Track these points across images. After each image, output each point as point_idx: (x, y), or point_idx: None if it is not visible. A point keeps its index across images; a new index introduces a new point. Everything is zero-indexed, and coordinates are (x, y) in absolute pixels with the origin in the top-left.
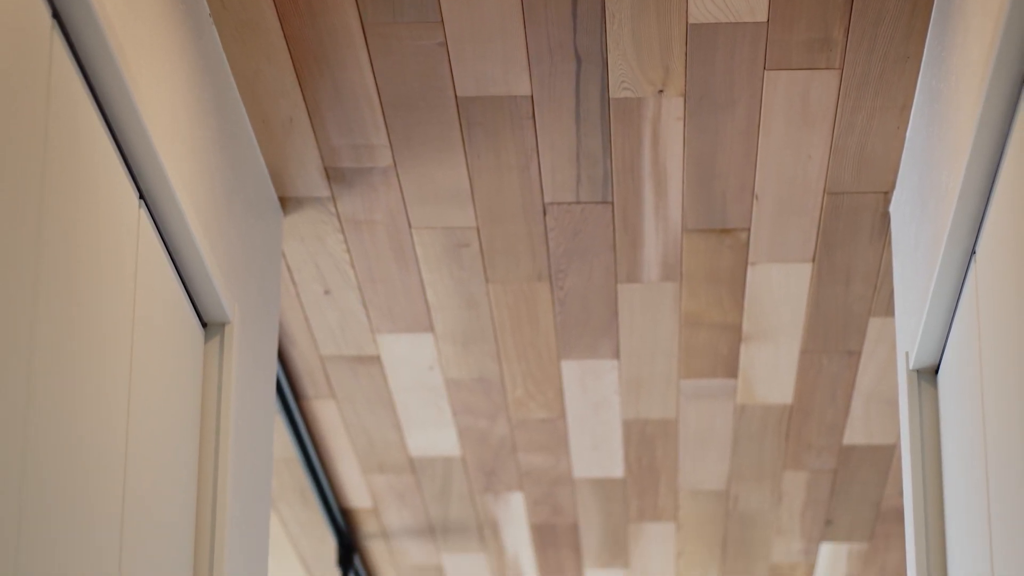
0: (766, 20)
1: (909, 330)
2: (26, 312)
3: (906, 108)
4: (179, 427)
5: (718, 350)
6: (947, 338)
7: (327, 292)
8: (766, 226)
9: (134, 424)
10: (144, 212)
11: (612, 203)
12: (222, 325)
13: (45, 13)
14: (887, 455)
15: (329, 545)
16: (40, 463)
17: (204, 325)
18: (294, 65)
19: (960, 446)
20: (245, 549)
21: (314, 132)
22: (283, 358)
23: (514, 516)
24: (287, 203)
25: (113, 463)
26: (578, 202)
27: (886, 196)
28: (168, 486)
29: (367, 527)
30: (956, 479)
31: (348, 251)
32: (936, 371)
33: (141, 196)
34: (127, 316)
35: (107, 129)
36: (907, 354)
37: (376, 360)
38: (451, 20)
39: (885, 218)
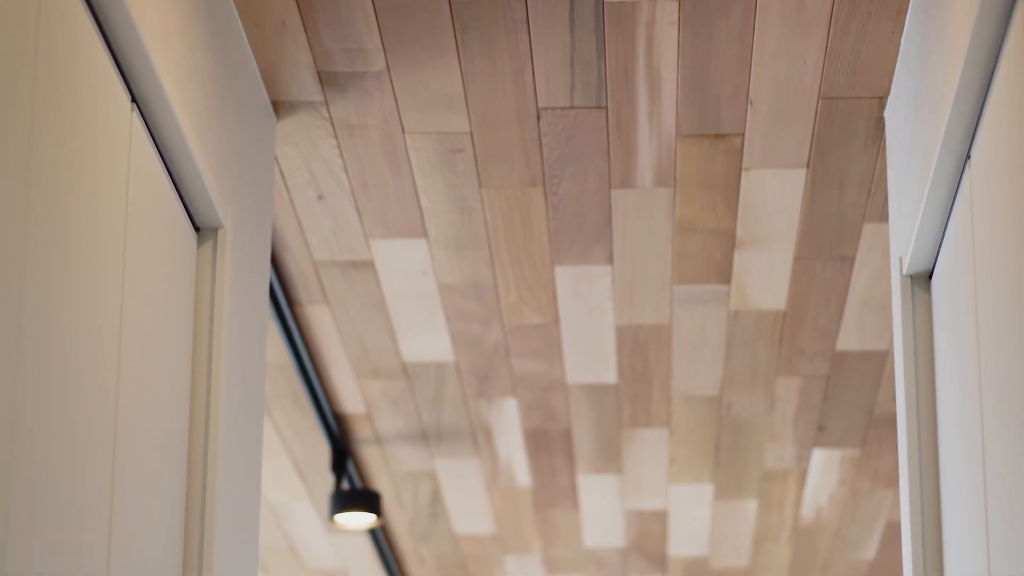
0: None
1: (903, 235)
2: (18, 216)
3: (901, 12)
4: (172, 332)
5: (711, 256)
6: (941, 243)
7: (320, 197)
8: (760, 131)
9: (127, 328)
10: (136, 116)
11: (606, 108)
12: (215, 230)
13: None
14: (880, 361)
15: (322, 450)
16: (32, 368)
17: (197, 230)
18: None
19: (953, 351)
20: (239, 455)
21: (307, 35)
22: (276, 263)
23: (507, 422)
24: (280, 107)
25: (106, 368)
26: (572, 107)
27: (881, 101)
28: (161, 391)
29: (360, 432)
30: (949, 384)
31: (341, 156)
32: (930, 276)
33: (133, 100)
34: (120, 220)
35: (99, 32)
36: (901, 259)
37: (369, 265)
38: None
39: (880, 123)
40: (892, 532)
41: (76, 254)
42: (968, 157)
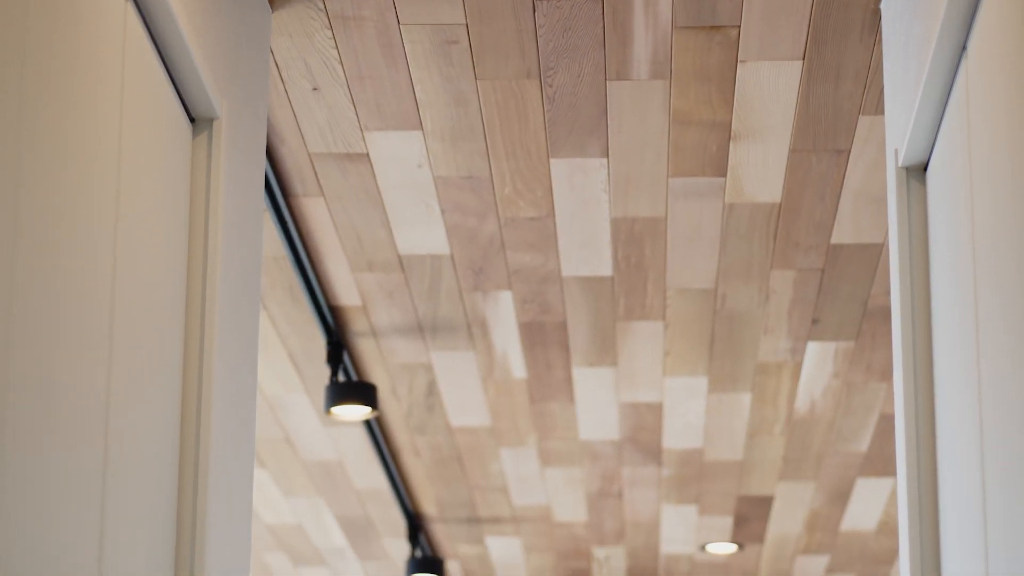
0: None
1: (899, 127)
2: (14, 109)
3: None
4: (168, 223)
5: (707, 148)
6: (937, 135)
7: (315, 89)
8: (756, 23)
9: (123, 219)
10: (131, 6)
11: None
12: (210, 121)
13: None
14: (875, 254)
15: (318, 343)
16: (29, 258)
17: (192, 121)
18: None
19: (948, 243)
20: (235, 346)
21: None
22: (272, 156)
23: (503, 314)
24: None
25: (103, 258)
26: None
27: None
28: (158, 282)
29: (356, 325)
30: (944, 276)
31: (336, 48)
32: (925, 168)
33: None
34: (115, 111)
35: None
36: (896, 151)
37: (365, 158)
38: None
39: (876, 14)
40: (885, 424)
41: (72, 145)
42: (964, 48)
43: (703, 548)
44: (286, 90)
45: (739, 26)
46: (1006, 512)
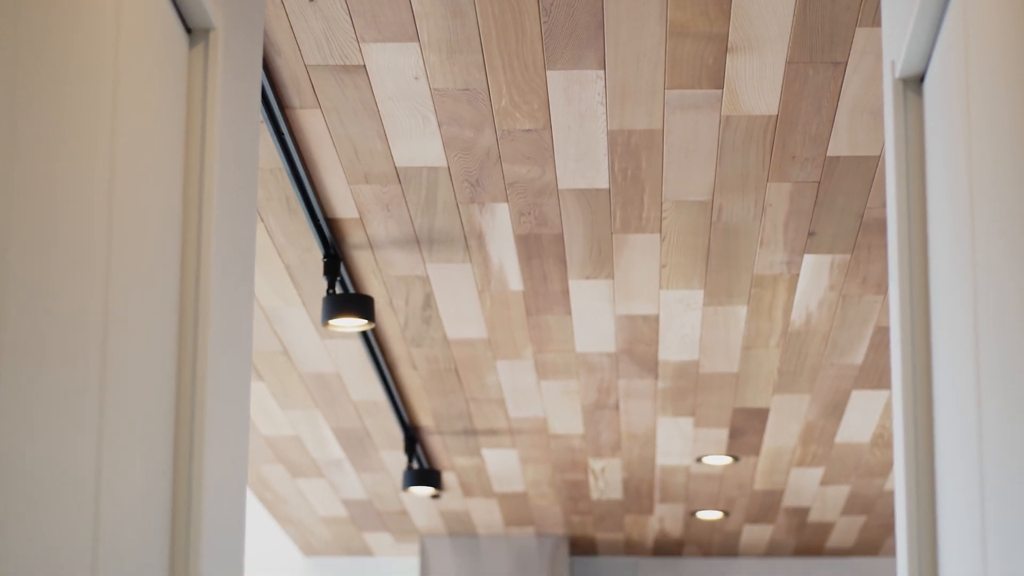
0: None
1: (895, 38)
2: (8, 19)
3: None
4: (164, 135)
5: (704, 60)
6: (933, 46)
7: (312, 0)
8: None
9: (119, 131)
10: None
11: None
12: (206, 31)
13: None
14: (871, 166)
15: (315, 255)
16: (25, 173)
17: (188, 32)
18: None
19: (944, 155)
20: (231, 259)
21: None
22: (268, 68)
23: (499, 227)
24: None
25: (99, 169)
26: None
27: None
28: (154, 194)
29: (353, 237)
30: (939, 188)
31: None
32: (921, 80)
33: None
34: (111, 21)
35: None
36: (893, 63)
37: (361, 69)
38: None
39: None
40: (880, 337)
41: (68, 56)
42: None
43: (699, 460)
44: (282, 1)
45: None
46: (1002, 422)
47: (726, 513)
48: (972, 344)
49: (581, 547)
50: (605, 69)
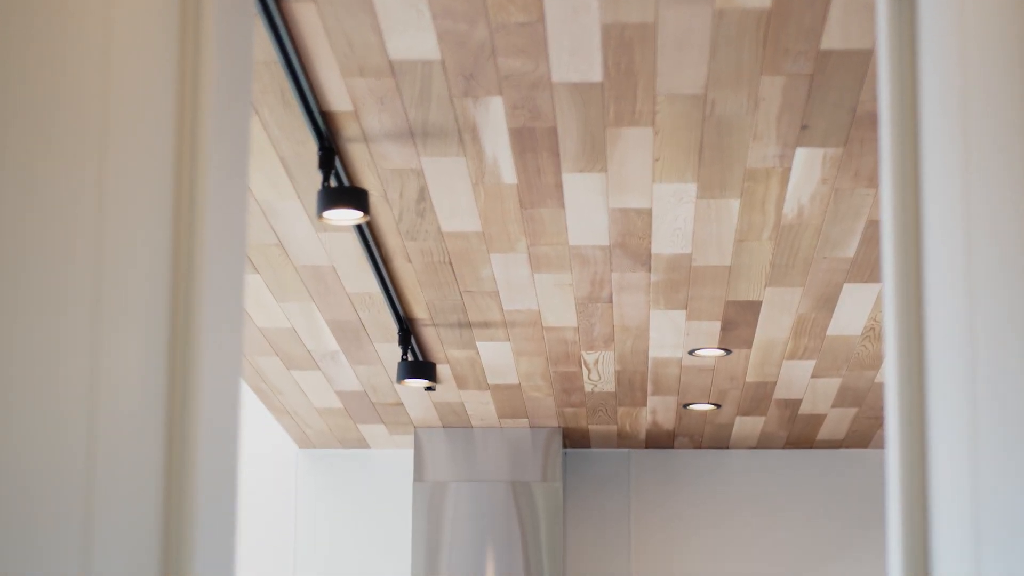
0: None
1: None
2: None
3: None
4: (158, 26)
5: None
6: None
7: None
8: None
9: (114, 23)
10: None
11: None
12: None
13: None
14: (864, 60)
15: (310, 148)
16: (21, 60)
17: None
18: None
19: (937, 48)
20: (226, 151)
21: None
22: None
23: (493, 120)
24: None
25: (93, 59)
26: None
27: None
28: (148, 85)
29: (347, 130)
30: (932, 81)
31: None
32: None
33: None
34: None
35: None
36: None
37: None
38: None
39: None
40: (872, 230)
41: None
42: None
43: (691, 352)
44: None
45: None
46: (993, 313)
47: (718, 405)
48: (963, 236)
49: (574, 439)
50: None
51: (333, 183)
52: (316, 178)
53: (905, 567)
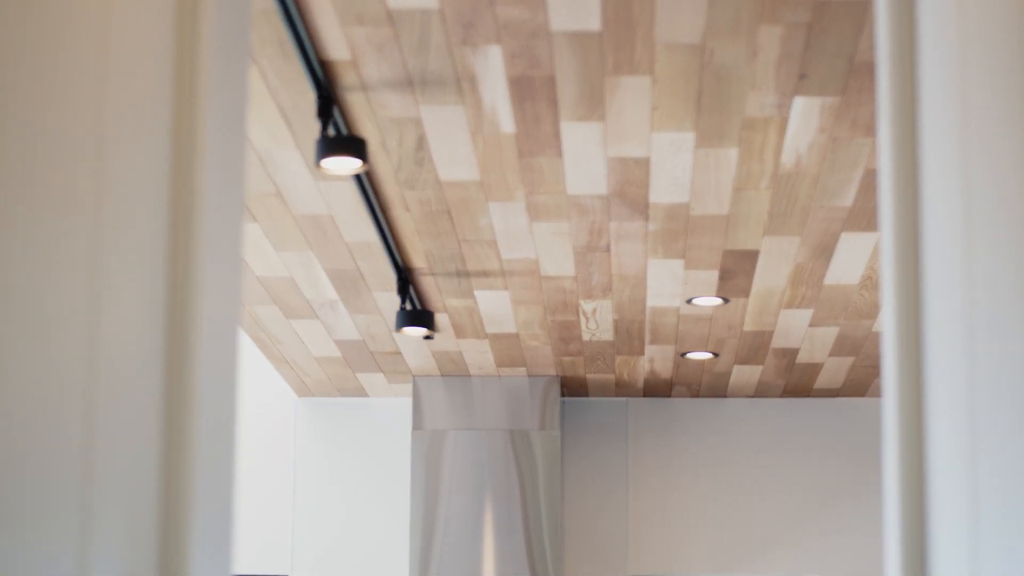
0: None
1: None
2: None
3: None
4: None
5: None
6: None
7: None
8: None
9: None
10: None
11: None
12: None
13: None
14: (862, 8)
15: (308, 97)
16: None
17: None
18: None
19: None
20: (225, 100)
21: None
22: None
23: (491, 69)
24: None
25: (94, 17)
26: None
27: None
28: (146, 36)
29: (346, 80)
30: (930, 30)
31: None
32: None
33: None
34: None
35: None
36: None
37: None
38: None
39: None
40: (870, 180)
41: None
42: None
43: (689, 301)
44: None
45: None
46: (991, 262)
47: (715, 354)
48: (962, 182)
49: (572, 388)
50: None
51: (332, 132)
52: (315, 127)
53: (902, 514)
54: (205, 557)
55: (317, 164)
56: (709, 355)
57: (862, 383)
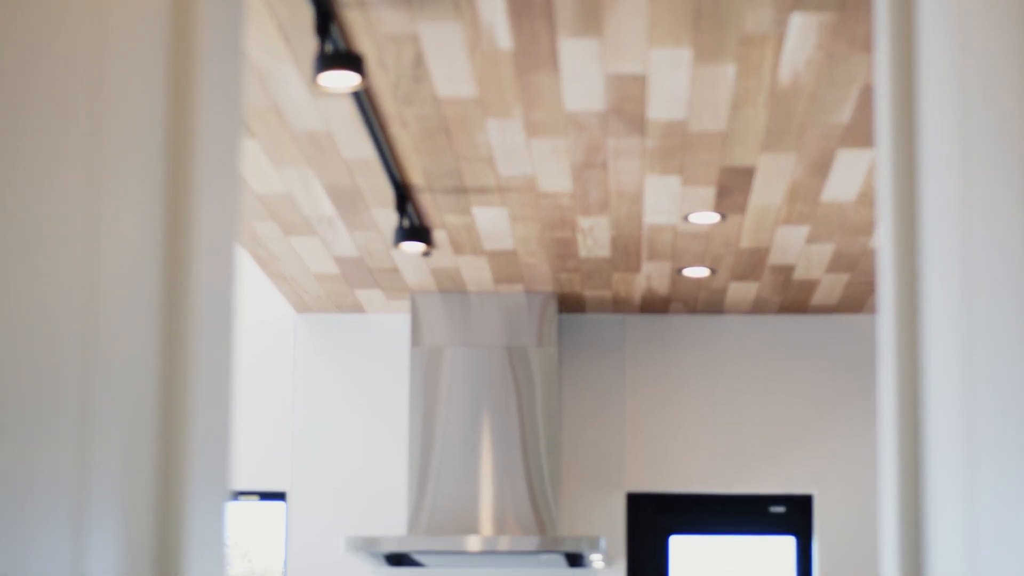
0: None
1: None
2: None
3: None
4: None
5: None
6: None
7: None
8: None
9: None
10: None
11: None
12: None
13: None
14: None
15: (305, 12)
16: None
17: None
18: None
19: None
20: (222, 15)
21: None
22: None
23: None
24: None
25: None
26: None
27: None
28: None
29: None
30: None
31: None
32: None
33: None
34: None
35: None
36: None
37: None
38: None
39: None
40: (867, 96)
41: None
42: None
43: (686, 218)
44: None
45: None
46: (988, 176)
47: (712, 271)
48: (959, 99)
49: (569, 304)
50: None
51: (329, 48)
52: (312, 43)
53: (897, 428)
54: (203, 473)
55: (315, 80)
56: (706, 272)
57: (858, 299)
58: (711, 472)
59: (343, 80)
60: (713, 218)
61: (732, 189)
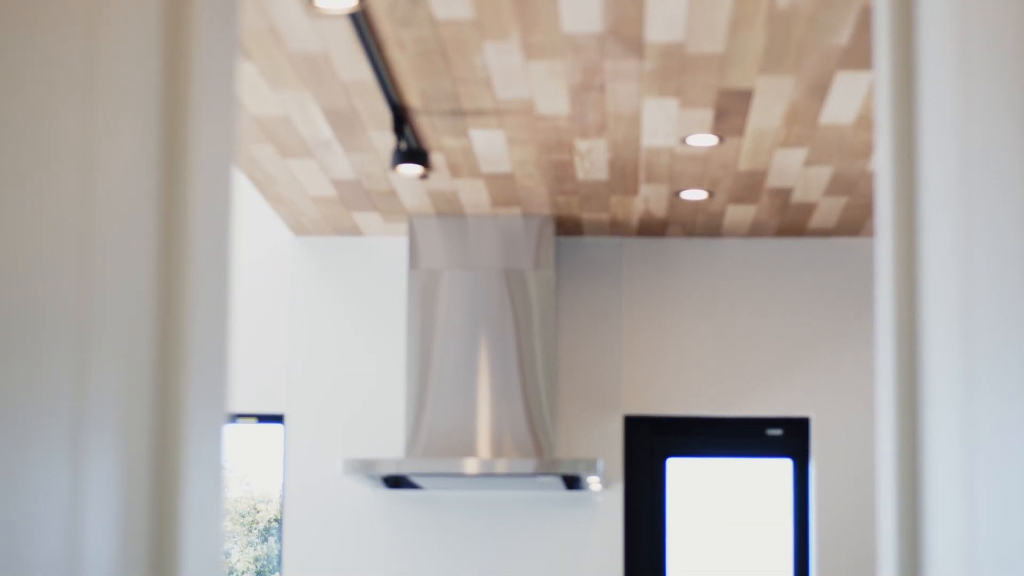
0: None
1: None
2: None
3: None
4: None
5: None
6: None
7: None
8: None
9: None
10: None
11: None
12: None
13: None
14: None
15: None
16: None
17: None
18: None
19: None
20: None
21: None
22: None
23: None
24: None
25: None
26: None
27: None
28: None
29: None
30: None
31: None
32: None
33: None
34: None
35: None
36: None
37: None
38: None
39: None
40: (865, 18)
41: None
42: None
43: (683, 141)
44: None
45: None
46: (987, 97)
47: (710, 193)
48: (958, 18)
49: (567, 227)
50: None
51: None
52: None
53: (895, 353)
54: (201, 396)
55: (311, 1)
56: (704, 194)
57: (856, 223)
58: (708, 395)
59: (340, 1)
60: (711, 140)
61: (730, 111)
